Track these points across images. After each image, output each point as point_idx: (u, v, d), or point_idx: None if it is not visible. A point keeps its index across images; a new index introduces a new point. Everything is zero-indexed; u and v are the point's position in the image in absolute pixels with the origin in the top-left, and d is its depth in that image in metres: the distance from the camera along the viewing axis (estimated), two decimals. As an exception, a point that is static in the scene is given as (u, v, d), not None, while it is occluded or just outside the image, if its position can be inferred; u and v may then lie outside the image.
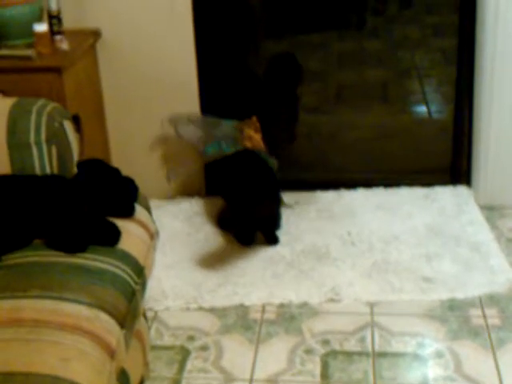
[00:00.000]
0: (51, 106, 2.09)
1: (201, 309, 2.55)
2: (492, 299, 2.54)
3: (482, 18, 2.93)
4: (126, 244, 1.90)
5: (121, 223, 1.94)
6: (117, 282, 1.78)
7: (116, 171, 2.05)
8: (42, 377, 1.49)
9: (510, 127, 3.05)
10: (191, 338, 2.42)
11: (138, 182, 2.12)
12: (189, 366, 2.29)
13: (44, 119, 2.04)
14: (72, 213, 1.89)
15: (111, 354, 1.63)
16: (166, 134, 3.11)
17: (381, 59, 4.71)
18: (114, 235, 1.89)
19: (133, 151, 3.17)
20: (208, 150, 2.91)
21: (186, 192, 3.22)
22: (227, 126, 2.93)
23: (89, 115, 2.93)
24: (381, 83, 4.40)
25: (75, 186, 1.95)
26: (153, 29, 3.02)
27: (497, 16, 2.88)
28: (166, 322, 2.50)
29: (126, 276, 1.82)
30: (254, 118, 2.87)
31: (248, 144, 2.84)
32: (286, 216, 3.01)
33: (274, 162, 2.90)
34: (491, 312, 2.48)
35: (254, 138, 2.79)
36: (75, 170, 2.06)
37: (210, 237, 2.94)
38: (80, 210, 1.91)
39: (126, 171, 2.12)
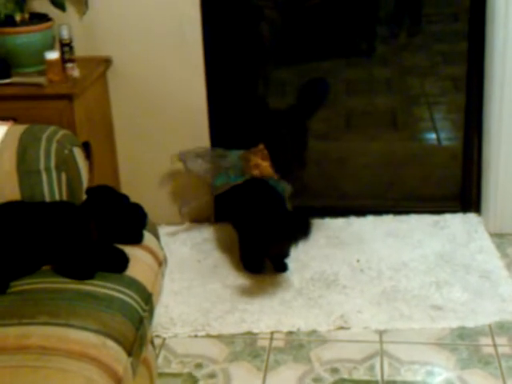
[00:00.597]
0: (61, 133, 2.11)
1: (209, 336, 2.54)
2: (502, 327, 2.52)
3: (490, 45, 2.94)
4: (133, 271, 1.90)
5: (129, 250, 1.95)
6: (124, 308, 1.78)
7: (125, 198, 2.06)
8: (48, 404, 1.49)
9: (520, 154, 3.05)
10: (199, 366, 2.41)
11: (147, 208, 2.12)
12: (197, 393, 2.29)
13: (54, 146, 2.05)
14: (80, 239, 1.90)
15: (118, 381, 1.62)
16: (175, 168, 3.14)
17: (390, 86, 4.71)
18: (122, 262, 1.89)
19: (142, 178, 3.18)
20: (216, 182, 2.91)
21: (195, 219, 3.22)
22: (234, 156, 2.94)
23: (99, 142, 2.94)
24: (390, 110, 4.40)
25: (84, 212, 1.95)
26: (163, 57, 3.04)
27: (505, 43, 2.89)
28: (173, 349, 2.49)
29: (133, 303, 1.81)
30: (261, 146, 2.88)
31: (256, 172, 2.84)
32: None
33: (286, 187, 2.90)
34: (501, 340, 2.46)
35: (261, 165, 2.79)
36: (84, 196, 2.06)
37: (218, 263, 2.93)
38: (88, 236, 1.91)
39: (135, 198, 2.13)
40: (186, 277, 2.85)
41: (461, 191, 3.30)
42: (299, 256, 2.93)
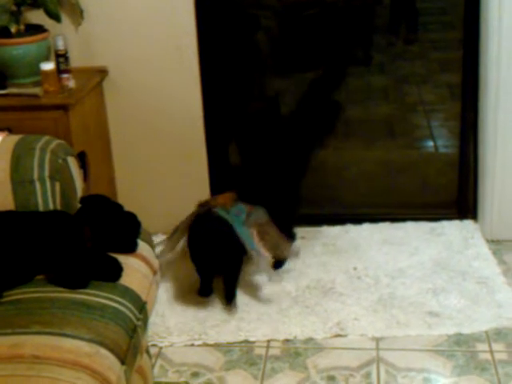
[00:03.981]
0: (55, 142, 2.12)
1: (205, 345, 2.54)
2: (499, 334, 2.52)
3: (485, 53, 2.95)
4: (127, 279, 1.91)
5: (123, 259, 1.95)
6: (118, 317, 1.78)
7: (119, 207, 2.06)
8: (41, 413, 1.49)
9: (515, 161, 3.05)
10: (195, 375, 2.40)
11: (144, 217, 2.13)
12: (192, 402, 2.29)
13: (48, 156, 2.06)
14: (74, 248, 1.90)
15: (111, 390, 1.63)
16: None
17: (387, 95, 4.73)
18: (116, 271, 1.90)
19: (139, 187, 3.19)
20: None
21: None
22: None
23: (95, 152, 2.95)
24: (387, 118, 4.42)
25: (78, 221, 1.96)
26: (159, 67, 3.05)
27: (499, 51, 2.90)
28: (170, 358, 2.49)
29: (127, 311, 1.82)
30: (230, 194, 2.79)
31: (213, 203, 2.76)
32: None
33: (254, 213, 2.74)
34: (498, 347, 2.46)
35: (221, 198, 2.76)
36: (78, 205, 2.07)
37: (215, 272, 2.93)
38: (82, 245, 1.92)
39: (131, 207, 2.13)
40: (182, 286, 2.85)
41: (457, 198, 3.30)
42: (296, 264, 2.93)
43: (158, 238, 2.85)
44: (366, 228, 3.21)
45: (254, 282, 2.84)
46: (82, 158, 2.48)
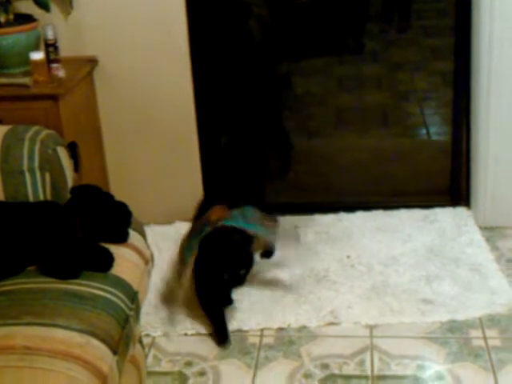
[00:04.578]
0: (45, 132, 2.10)
1: (199, 334, 2.53)
2: (492, 320, 2.52)
3: (477, 39, 2.94)
4: (119, 269, 1.90)
5: (114, 249, 1.94)
6: (109, 307, 1.77)
7: (109, 196, 2.05)
8: (32, 404, 1.49)
9: (508, 148, 3.04)
10: (189, 364, 2.40)
11: (136, 207, 2.12)
12: (186, 392, 2.28)
13: (37, 146, 2.05)
14: (65, 239, 1.89)
15: (103, 380, 1.62)
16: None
17: (380, 83, 4.72)
18: (107, 261, 1.89)
19: (131, 177, 3.17)
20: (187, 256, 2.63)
21: (184, 216, 3.21)
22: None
23: (86, 142, 2.94)
24: (380, 106, 4.41)
25: (68, 212, 1.94)
26: (150, 56, 3.03)
27: (491, 38, 2.89)
28: (163, 348, 2.48)
29: (119, 301, 1.81)
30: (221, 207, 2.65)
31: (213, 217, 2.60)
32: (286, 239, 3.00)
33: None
34: (492, 333, 2.46)
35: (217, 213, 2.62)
36: (69, 196, 2.06)
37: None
38: (73, 236, 1.90)
39: (124, 197, 2.12)
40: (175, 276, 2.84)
41: (450, 185, 3.30)
42: (289, 252, 2.92)
43: (149, 228, 2.83)
44: (359, 216, 3.21)
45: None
46: (72, 149, 2.46)
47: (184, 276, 2.64)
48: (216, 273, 2.43)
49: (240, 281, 2.46)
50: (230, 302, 2.58)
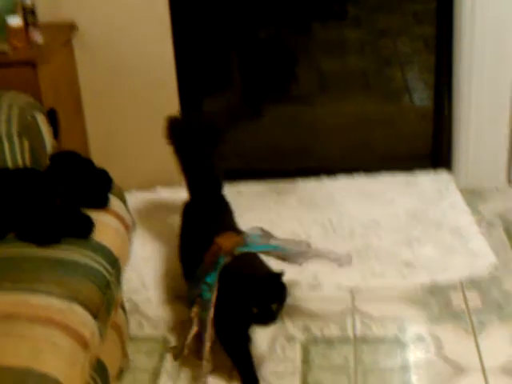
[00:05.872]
0: (23, 99, 2.08)
1: (181, 299, 2.54)
2: (473, 282, 2.55)
3: (459, 4, 2.93)
4: (99, 235, 1.90)
5: (95, 215, 1.94)
6: (90, 273, 1.78)
7: (89, 162, 2.04)
8: (14, 370, 1.49)
9: (489, 112, 3.05)
10: (172, 329, 2.41)
11: (118, 173, 2.11)
12: (169, 356, 2.29)
13: (15, 112, 2.03)
14: (45, 205, 1.88)
15: (84, 345, 1.62)
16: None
17: (363, 48, 4.70)
18: (87, 227, 1.88)
19: (111, 143, 3.16)
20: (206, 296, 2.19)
21: (165, 182, 3.20)
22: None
23: (66, 109, 2.91)
24: (362, 71, 4.39)
25: (48, 178, 1.94)
26: (130, 22, 3.00)
27: (473, 2, 2.88)
28: (146, 313, 2.49)
29: (99, 267, 1.81)
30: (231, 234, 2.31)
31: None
32: (267, 204, 3.00)
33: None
34: (472, 295, 2.49)
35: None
36: (48, 162, 2.04)
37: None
38: (53, 202, 1.90)
39: (105, 163, 2.11)
40: (157, 241, 2.84)
41: (432, 149, 3.31)
42: (271, 217, 2.93)
43: (130, 195, 2.83)
44: (341, 181, 3.21)
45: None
46: (52, 115, 2.43)
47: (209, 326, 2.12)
48: (245, 307, 2.05)
49: (272, 316, 2.07)
50: (249, 339, 2.23)
